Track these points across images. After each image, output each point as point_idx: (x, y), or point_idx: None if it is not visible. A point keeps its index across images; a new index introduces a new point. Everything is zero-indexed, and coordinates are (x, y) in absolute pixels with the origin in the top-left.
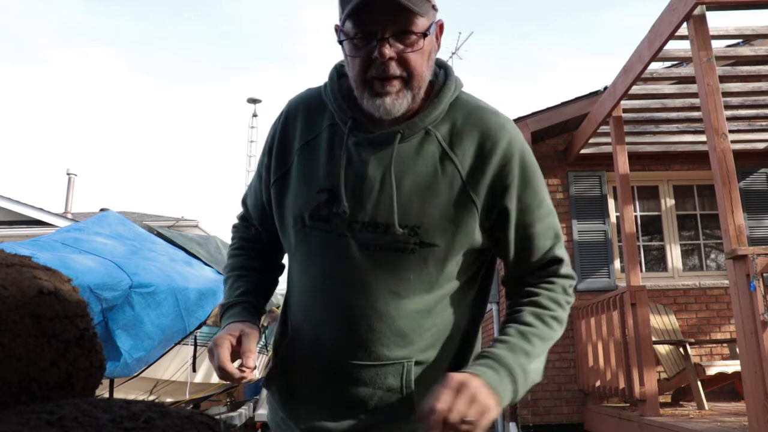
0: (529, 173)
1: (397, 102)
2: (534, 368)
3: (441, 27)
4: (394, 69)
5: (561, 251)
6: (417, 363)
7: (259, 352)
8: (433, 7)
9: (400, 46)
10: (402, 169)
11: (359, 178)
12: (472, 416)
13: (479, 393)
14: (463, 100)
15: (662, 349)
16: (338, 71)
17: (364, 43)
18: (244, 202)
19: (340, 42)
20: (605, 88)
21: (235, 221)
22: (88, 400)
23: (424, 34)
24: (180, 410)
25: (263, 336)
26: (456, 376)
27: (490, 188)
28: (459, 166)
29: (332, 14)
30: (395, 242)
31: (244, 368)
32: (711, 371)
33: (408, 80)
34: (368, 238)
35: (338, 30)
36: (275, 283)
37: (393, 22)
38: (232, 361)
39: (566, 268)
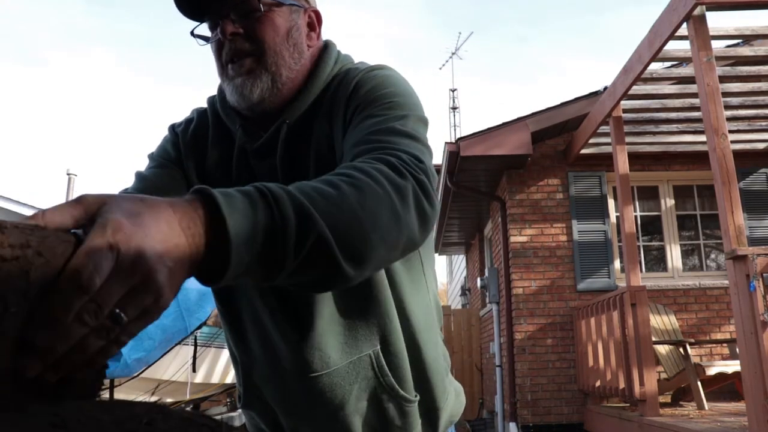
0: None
1: (249, 82)
2: (330, 206)
3: (317, 14)
4: (241, 44)
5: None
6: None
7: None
8: None
9: (246, 21)
10: (296, 162)
11: None
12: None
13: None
14: (345, 72)
15: (662, 349)
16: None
17: (215, 31)
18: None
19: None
20: (605, 89)
21: None
22: (91, 402)
23: (271, 5)
24: (182, 412)
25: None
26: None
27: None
28: (338, 130)
29: (332, 15)
30: None
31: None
32: (711, 371)
33: (260, 57)
34: None
35: (194, 34)
36: None
37: (232, 0)
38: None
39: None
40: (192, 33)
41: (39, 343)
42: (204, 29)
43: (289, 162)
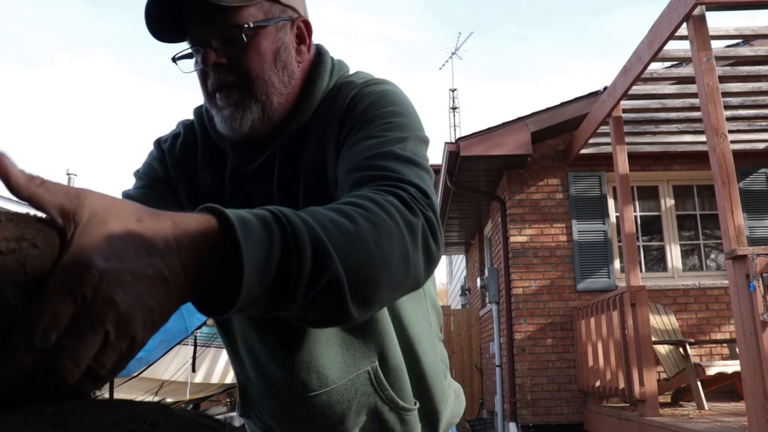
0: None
1: (238, 115)
2: (346, 242)
3: (306, 24)
4: (226, 76)
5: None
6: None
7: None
8: (273, 0)
9: (229, 49)
10: (288, 187)
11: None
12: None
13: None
14: (343, 82)
15: (662, 349)
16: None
17: (198, 57)
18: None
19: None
20: (605, 89)
21: None
22: (93, 401)
23: (255, 29)
24: (184, 412)
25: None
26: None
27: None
28: (331, 150)
29: (332, 15)
30: None
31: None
32: (711, 371)
33: (247, 87)
34: None
35: (175, 59)
36: None
37: (213, 25)
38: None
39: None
40: (173, 59)
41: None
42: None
43: (284, 186)
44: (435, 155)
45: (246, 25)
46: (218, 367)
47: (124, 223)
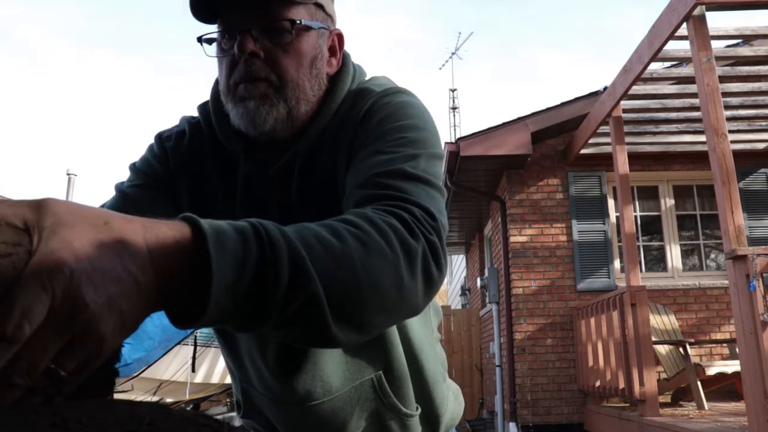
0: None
1: (263, 109)
2: (330, 261)
3: (339, 38)
4: (260, 69)
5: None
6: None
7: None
8: (319, 6)
9: (269, 43)
10: (303, 193)
11: (265, 216)
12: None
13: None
14: (361, 88)
15: (662, 349)
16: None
17: (229, 43)
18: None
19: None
20: (605, 89)
21: None
22: (92, 401)
23: (301, 29)
24: (183, 411)
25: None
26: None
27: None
28: (343, 157)
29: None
30: None
31: None
32: (711, 371)
33: (279, 86)
34: None
35: (201, 40)
36: None
37: (257, 13)
38: None
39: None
40: (199, 39)
41: None
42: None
43: (303, 192)
44: None
45: (298, 21)
46: (218, 367)
47: (92, 225)
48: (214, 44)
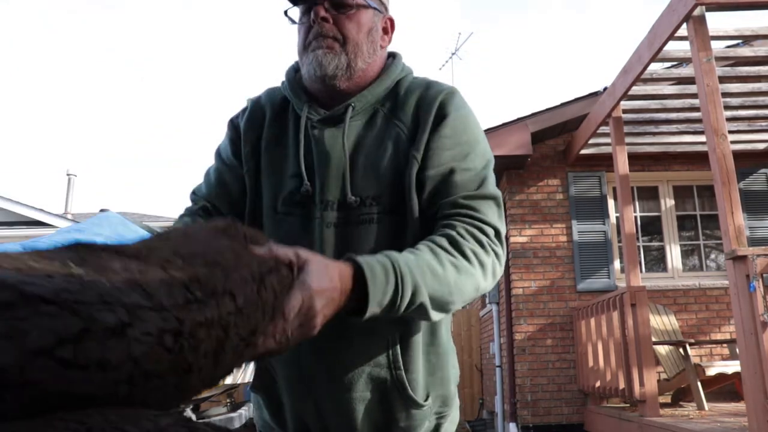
0: (459, 135)
1: (329, 55)
2: (435, 282)
3: (391, 22)
4: (328, 29)
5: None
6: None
7: None
8: None
9: (335, 12)
10: (357, 142)
11: (321, 159)
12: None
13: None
14: (410, 80)
15: (662, 349)
16: (295, 68)
17: (306, 16)
18: (194, 193)
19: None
20: (605, 89)
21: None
22: (116, 411)
23: (360, 5)
24: (209, 425)
25: None
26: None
27: (428, 144)
28: (403, 129)
29: None
30: (361, 215)
31: None
32: (711, 372)
33: (343, 43)
34: (336, 216)
35: (286, 13)
36: None
37: None
38: None
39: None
40: (285, 13)
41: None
42: (294, 14)
43: (350, 136)
44: None
45: (363, 5)
46: None
47: (322, 274)
48: (297, 19)
